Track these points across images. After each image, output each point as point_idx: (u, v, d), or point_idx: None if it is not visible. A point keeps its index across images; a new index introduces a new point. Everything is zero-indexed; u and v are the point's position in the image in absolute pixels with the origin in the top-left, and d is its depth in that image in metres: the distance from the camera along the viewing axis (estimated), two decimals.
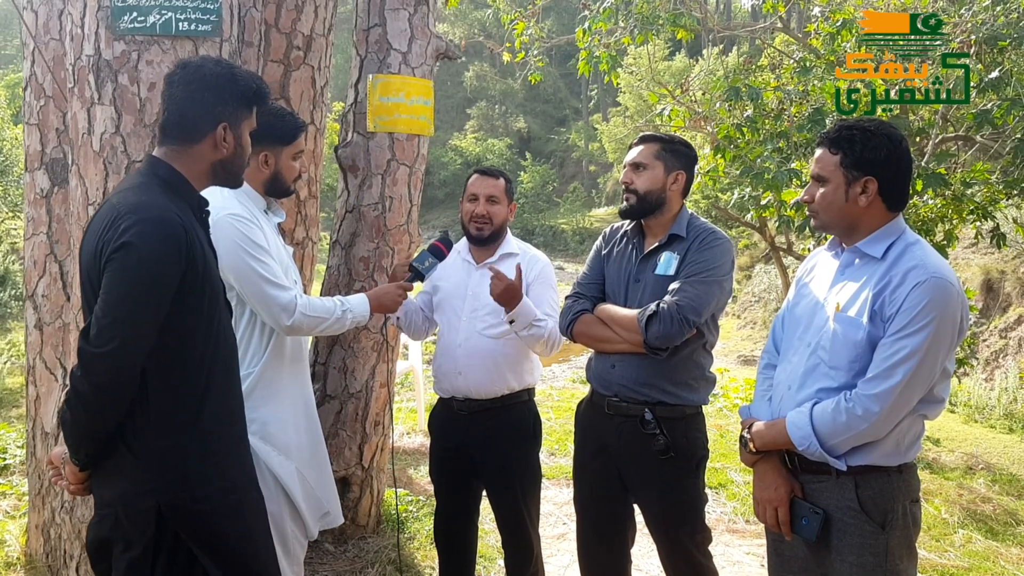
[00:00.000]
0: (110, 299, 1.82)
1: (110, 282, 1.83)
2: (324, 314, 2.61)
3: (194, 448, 1.97)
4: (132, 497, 1.92)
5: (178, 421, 1.95)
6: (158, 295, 1.86)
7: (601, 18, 6.84)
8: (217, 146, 2.04)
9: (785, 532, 2.21)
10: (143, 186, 1.97)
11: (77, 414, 1.87)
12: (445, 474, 3.22)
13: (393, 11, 3.78)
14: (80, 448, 1.93)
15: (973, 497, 5.22)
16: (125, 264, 1.82)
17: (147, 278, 1.84)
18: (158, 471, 1.93)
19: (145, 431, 1.92)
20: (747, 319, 16.49)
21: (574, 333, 2.82)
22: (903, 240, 2.14)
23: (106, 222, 1.88)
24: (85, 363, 1.82)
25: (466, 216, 3.15)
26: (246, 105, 2.09)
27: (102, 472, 1.97)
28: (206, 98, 2.02)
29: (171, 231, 1.88)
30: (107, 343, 1.80)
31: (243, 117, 2.09)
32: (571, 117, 47.19)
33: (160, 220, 1.87)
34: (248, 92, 2.08)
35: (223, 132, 2.03)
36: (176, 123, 2.03)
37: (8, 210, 17.75)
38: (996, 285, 11.22)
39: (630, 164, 2.81)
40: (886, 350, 2.02)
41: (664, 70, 26.92)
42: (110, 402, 1.86)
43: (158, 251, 1.85)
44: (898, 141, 2.13)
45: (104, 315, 1.81)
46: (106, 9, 2.90)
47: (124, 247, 1.82)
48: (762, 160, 5.68)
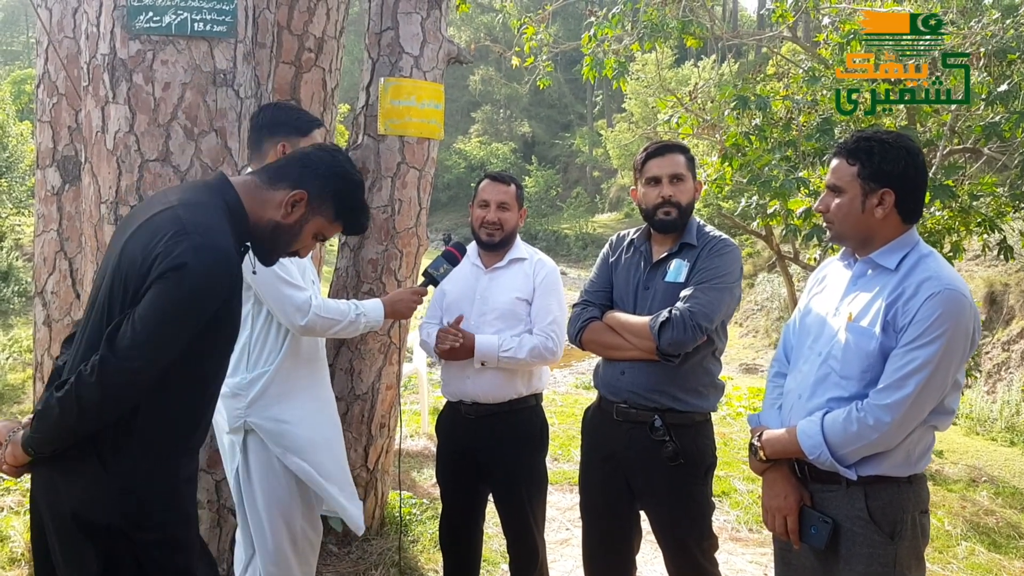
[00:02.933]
0: (154, 316, 1.75)
1: (158, 299, 1.76)
2: (338, 316, 2.63)
3: (163, 477, 1.90)
4: (87, 507, 1.85)
5: (156, 446, 1.88)
6: (196, 324, 1.81)
7: (609, 24, 6.84)
8: (284, 206, 1.97)
9: (794, 541, 2.21)
10: (211, 207, 1.90)
11: (68, 415, 1.79)
12: (452, 478, 3.21)
13: (406, 15, 3.79)
14: (51, 444, 1.85)
15: (976, 510, 5.22)
16: (180, 286, 1.75)
17: (194, 305, 1.79)
18: (121, 486, 1.85)
19: (122, 446, 1.84)
20: (749, 327, 16.48)
21: (583, 341, 2.82)
22: (917, 252, 2.14)
23: (166, 233, 1.80)
24: (105, 371, 1.75)
25: (476, 222, 3.16)
26: (333, 206, 2.02)
27: (60, 467, 1.88)
28: (309, 161, 2.02)
29: (228, 265, 1.83)
30: (135, 359, 1.75)
31: (324, 211, 2.02)
32: (575, 122, 47.21)
33: (221, 250, 1.82)
34: (346, 197, 2.04)
35: (298, 199, 1.97)
36: (276, 166, 2.03)
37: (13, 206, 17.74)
38: (999, 298, 11.22)
39: (669, 176, 2.73)
40: (898, 361, 2.02)
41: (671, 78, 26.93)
42: (107, 414, 1.80)
43: (212, 282, 1.80)
44: (916, 153, 2.14)
45: (143, 329, 1.75)
46: (122, 8, 2.91)
47: (182, 269, 1.75)
48: (770, 168, 5.68)
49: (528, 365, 3.02)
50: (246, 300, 2.56)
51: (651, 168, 2.78)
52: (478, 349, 2.96)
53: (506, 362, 2.97)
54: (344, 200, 2.04)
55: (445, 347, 2.98)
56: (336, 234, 2.13)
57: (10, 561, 3.76)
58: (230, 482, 2.74)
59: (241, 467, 2.65)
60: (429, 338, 3.10)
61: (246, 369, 2.59)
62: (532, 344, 2.99)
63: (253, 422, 2.58)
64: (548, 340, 3.01)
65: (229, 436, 2.65)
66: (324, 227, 2.05)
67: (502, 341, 2.98)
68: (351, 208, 2.07)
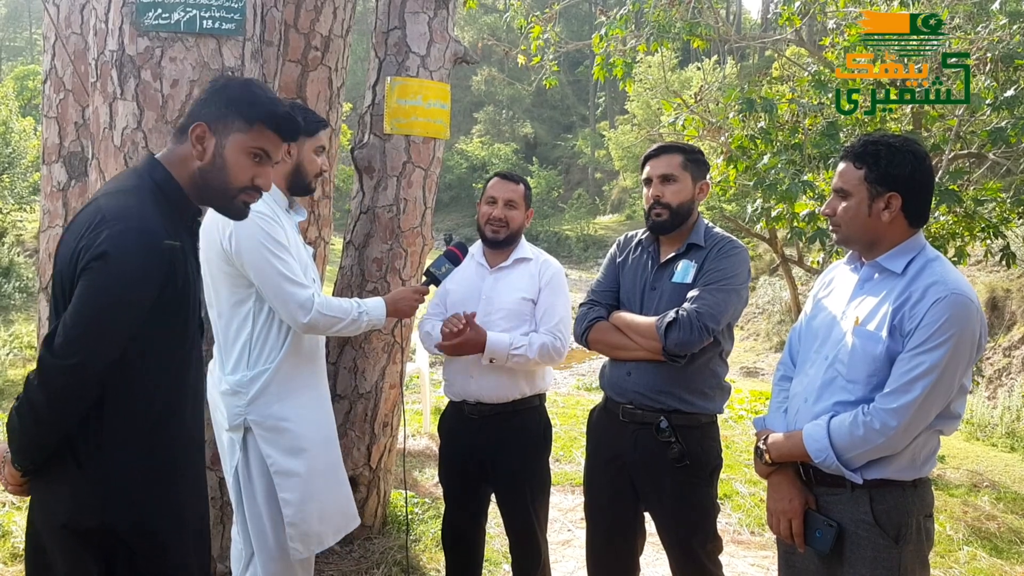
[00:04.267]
0: (82, 310, 1.72)
1: (84, 293, 1.73)
2: (340, 314, 2.63)
3: (141, 472, 1.86)
4: (76, 514, 1.83)
5: (129, 441, 1.84)
6: (131, 312, 1.76)
7: (618, 25, 6.85)
8: (192, 148, 1.89)
9: (798, 544, 2.21)
10: (135, 190, 1.85)
11: (27, 423, 1.78)
12: (454, 477, 3.21)
13: (413, 14, 3.80)
14: (26, 456, 1.84)
15: (978, 515, 5.21)
16: (102, 275, 1.72)
17: (123, 292, 1.74)
18: (103, 487, 1.83)
19: (95, 446, 1.81)
20: (751, 331, 16.48)
21: (590, 340, 2.82)
22: (923, 256, 2.14)
23: (88, 225, 1.77)
24: (46, 372, 1.73)
25: (483, 218, 3.16)
26: (239, 115, 1.90)
27: (46, 479, 1.86)
28: (201, 98, 1.95)
29: (154, 245, 1.77)
30: (71, 356, 1.71)
31: (232, 128, 1.90)
32: (578, 124, 47.22)
33: (144, 231, 1.77)
34: (244, 102, 1.91)
35: (201, 132, 1.88)
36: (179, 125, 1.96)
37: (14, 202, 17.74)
38: (1001, 303, 11.22)
39: (658, 176, 2.75)
40: (905, 365, 2.02)
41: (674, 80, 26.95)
42: (63, 415, 1.77)
43: (138, 266, 1.75)
44: (923, 157, 2.13)
45: (74, 326, 1.72)
46: (131, 5, 2.91)
47: (103, 257, 1.71)
48: (775, 172, 5.68)
49: (536, 364, 3.02)
50: (247, 297, 2.56)
51: (647, 169, 2.82)
52: (489, 345, 2.95)
53: (516, 361, 2.97)
54: (240, 101, 1.90)
55: (447, 330, 2.94)
56: (276, 145, 1.98)
57: (12, 556, 3.76)
58: (228, 481, 2.73)
59: (241, 465, 2.64)
60: (434, 330, 3.08)
61: (247, 367, 2.59)
62: (542, 342, 2.99)
63: (253, 420, 2.58)
64: (556, 340, 3.01)
65: (228, 434, 2.64)
66: (247, 142, 1.91)
67: (513, 339, 2.98)
68: (252, 103, 1.92)
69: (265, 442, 2.59)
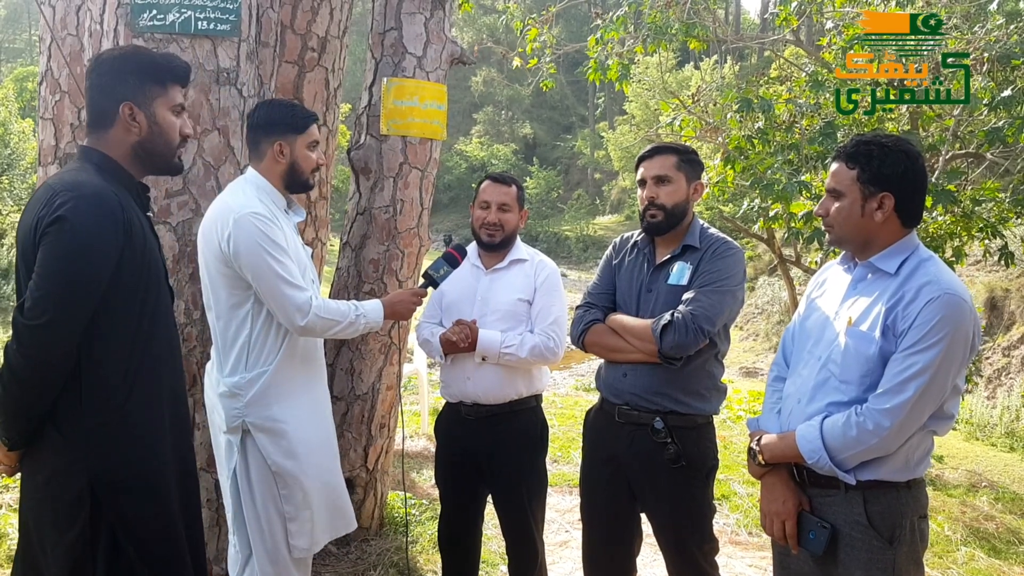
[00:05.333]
0: (44, 272, 1.83)
1: (45, 256, 1.84)
2: (338, 317, 2.62)
3: (121, 428, 1.95)
4: (62, 477, 1.91)
5: (106, 400, 1.94)
6: (93, 268, 1.87)
7: (614, 27, 6.85)
8: (128, 128, 2.03)
9: (792, 545, 2.21)
10: (79, 169, 1.99)
11: (11, 390, 1.86)
12: (451, 479, 3.21)
13: (409, 15, 3.80)
14: (12, 427, 1.91)
15: (976, 515, 5.21)
16: (60, 238, 1.83)
17: (82, 250, 1.85)
18: (85, 450, 1.91)
19: (74, 410, 1.90)
20: (750, 331, 16.47)
21: (586, 343, 2.82)
22: (916, 256, 2.14)
23: (42, 201, 1.89)
24: (20, 336, 1.82)
25: (477, 223, 3.16)
26: (154, 81, 2.04)
27: (31, 453, 1.95)
28: (105, 82, 2.02)
29: (106, 206, 1.90)
30: (41, 315, 1.80)
31: (153, 95, 2.04)
32: (577, 124, 47.23)
33: (95, 195, 1.89)
34: (151, 67, 2.04)
35: (128, 112, 2.01)
36: (90, 113, 2.04)
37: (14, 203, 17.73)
38: (1000, 303, 11.21)
39: (652, 178, 2.74)
40: (898, 365, 2.02)
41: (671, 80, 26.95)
42: (45, 377, 1.85)
43: (93, 225, 1.86)
44: (915, 157, 2.13)
45: (38, 288, 1.82)
46: (126, 6, 2.91)
47: (58, 220, 1.83)
48: (772, 172, 5.68)
49: (528, 364, 3.02)
50: (245, 299, 2.56)
51: (641, 170, 2.81)
52: (480, 343, 2.97)
53: (507, 359, 2.98)
54: (148, 69, 2.03)
55: (454, 339, 2.98)
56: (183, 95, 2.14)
57: (8, 559, 3.75)
58: (223, 483, 2.71)
59: (240, 467, 2.63)
60: (433, 336, 3.10)
61: (244, 368, 2.58)
62: (533, 343, 2.99)
63: (251, 422, 2.57)
64: (549, 340, 3.02)
65: (226, 436, 2.63)
66: (167, 102, 2.07)
67: (505, 338, 2.99)
68: (157, 66, 2.05)
69: (264, 444, 2.59)
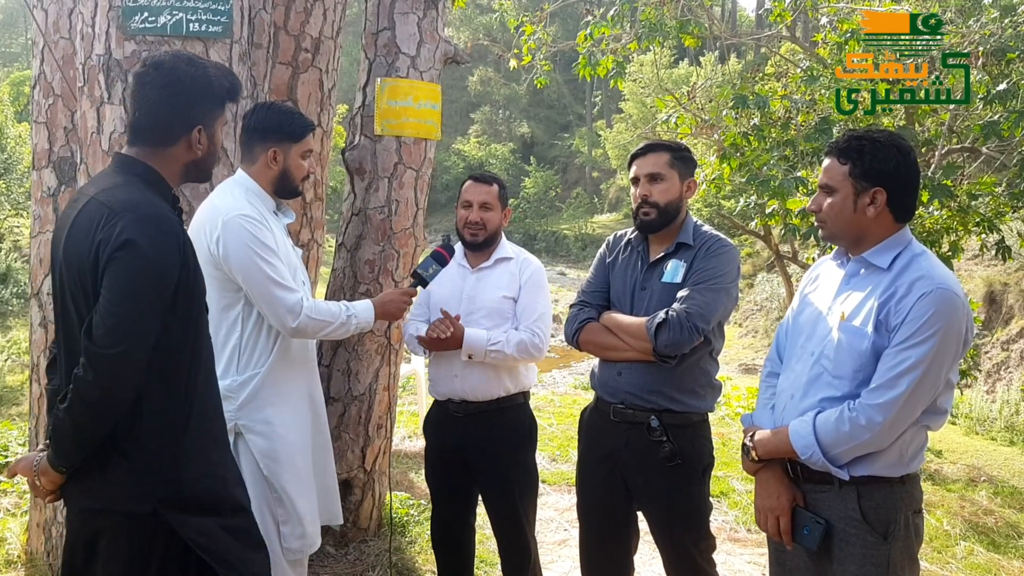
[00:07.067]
0: (116, 298, 1.78)
1: (114, 281, 1.79)
2: (329, 318, 2.62)
3: (185, 446, 1.94)
4: (130, 501, 1.88)
5: (169, 421, 1.92)
6: (162, 293, 1.84)
7: (606, 24, 6.85)
8: (192, 148, 2.02)
9: (786, 541, 2.20)
10: (128, 184, 1.93)
11: (81, 419, 1.82)
12: (441, 477, 3.22)
13: (402, 15, 3.79)
14: (76, 454, 1.88)
15: (975, 509, 5.21)
16: (131, 263, 1.79)
17: (153, 276, 1.82)
18: (153, 472, 1.90)
19: (137, 432, 1.87)
20: (749, 327, 16.49)
21: (580, 342, 2.81)
22: (909, 251, 2.14)
23: (98, 221, 1.83)
24: (95, 365, 1.77)
25: (460, 222, 3.18)
26: (220, 105, 2.07)
27: (86, 477, 1.91)
28: (179, 102, 1.98)
29: (171, 228, 1.88)
30: (116, 344, 1.77)
31: (217, 116, 2.07)
32: (574, 123, 47.23)
33: (159, 217, 1.86)
34: (222, 92, 2.06)
35: (198, 135, 2.01)
36: (149, 126, 1.99)
37: (11, 208, 17.72)
38: (999, 297, 11.22)
39: (646, 175, 2.74)
40: (891, 360, 2.02)
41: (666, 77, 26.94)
42: (116, 404, 1.82)
43: (161, 248, 1.83)
44: (907, 152, 2.13)
45: (111, 315, 1.77)
46: (117, 9, 2.91)
47: (127, 245, 1.78)
48: (768, 168, 5.68)
49: (514, 360, 3.04)
50: (236, 302, 2.55)
51: (633, 168, 2.81)
52: (466, 341, 2.99)
53: (493, 356, 2.99)
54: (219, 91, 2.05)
55: (434, 335, 2.98)
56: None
57: (6, 563, 3.76)
58: None
59: None
60: (418, 331, 3.11)
61: (236, 371, 2.58)
62: (519, 339, 3.01)
63: (244, 424, 2.57)
64: (534, 336, 3.04)
65: None
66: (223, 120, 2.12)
67: (490, 335, 3.00)
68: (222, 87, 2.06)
69: (257, 445, 2.59)
